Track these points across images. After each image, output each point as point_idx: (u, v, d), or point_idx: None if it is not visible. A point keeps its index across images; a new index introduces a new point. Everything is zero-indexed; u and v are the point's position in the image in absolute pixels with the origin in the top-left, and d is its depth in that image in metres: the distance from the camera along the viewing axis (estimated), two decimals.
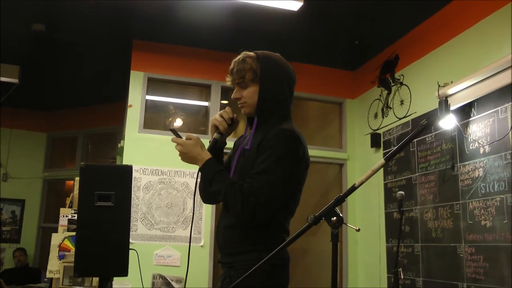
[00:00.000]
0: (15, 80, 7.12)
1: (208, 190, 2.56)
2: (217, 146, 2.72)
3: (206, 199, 2.84)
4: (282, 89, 2.68)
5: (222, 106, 6.88)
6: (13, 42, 6.68)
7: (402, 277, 4.71)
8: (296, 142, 2.54)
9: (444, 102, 4.98)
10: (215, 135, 2.68)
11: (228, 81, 2.72)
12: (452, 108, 4.95)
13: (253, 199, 2.33)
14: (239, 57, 2.72)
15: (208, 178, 2.53)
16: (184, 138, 2.66)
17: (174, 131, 2.68)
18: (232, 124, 2.71)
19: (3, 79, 7.05)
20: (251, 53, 2.72)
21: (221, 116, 2.68)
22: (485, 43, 4.83)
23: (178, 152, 2.65)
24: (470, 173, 4.79)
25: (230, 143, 2.87)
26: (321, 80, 7.30)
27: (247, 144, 2.64)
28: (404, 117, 6.02)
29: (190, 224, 6.22)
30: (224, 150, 2.81)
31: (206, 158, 2.58)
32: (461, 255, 4.78)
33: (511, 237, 4.19)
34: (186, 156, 2.63)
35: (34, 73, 7.72)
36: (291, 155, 2.50)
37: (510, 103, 4.35)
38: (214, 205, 6.37)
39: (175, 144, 2.65)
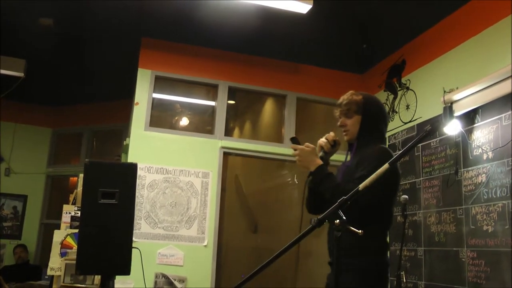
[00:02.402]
0: (21, 74, 7.13)
1: (317, 189, 3.01)
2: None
3: (312, 209, 3.26)
4: (378, 121, 3.17)
5: (229, 106, 6.90)
6: (20, 36, 6.68)
7: (404, 280, 4.72)
8: (390, 156, 2.90)
9: (449, 108, 4.99)
10: (321, 153, 3.17)
11: (336, 112, 3.28)
12: (457, 114, 4.96)
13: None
14: (348, 93, 3.27)
15: (318, 179, 2.99)
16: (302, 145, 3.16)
17: (296, 139, 3.21)
18: (334, 145, 3.21)
19: (9, 72, 7.05)
20: (358, 92, 3.24)
21: (326, 138, 3.21)
22: (491, 51, 4.84)
23: (296, 157, 3.13)
24: (473, 178, 4.79)
25: None
26: (328, 83, 7.29)
27: (349, 163, 3.13)
28: (410, 121, 6.02)
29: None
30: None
31: (319, 163, 3.05)
32: (463, 260, 4.79)
33: None
34: (302, 161, 3.11)
35: (40, 67, 7.70)
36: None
37: None
38: (218, 206, 6.39)
39: (294, 150, 3.16)
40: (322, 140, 3.22)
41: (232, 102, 7.16)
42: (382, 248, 2.99)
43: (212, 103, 7.00)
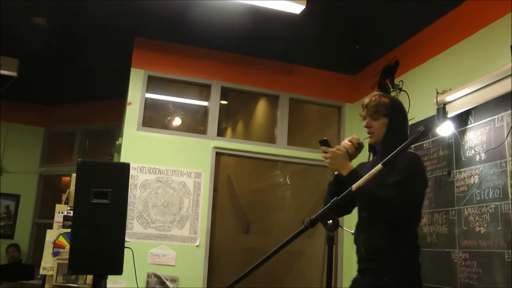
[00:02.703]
0: (14, 73, 7.10)
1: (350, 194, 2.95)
2: None
3: (338, 209, 3.17)
4: (404, 126, 3.22)
5: (222, 106, 6.90)
6: (13, 35, 6.65)
7: None
8: (421, 163, 3.15)
9: (442, 109, 5.00)
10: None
11: (361, 113, 3.25)
12: (449, 115, 4.97)
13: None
14: (375, 94, 3.27)
15: (353, 182, 2.80)
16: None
17: (326, 142, 3.18)
18: (358, 148, 3.21)
19: (2, 72, 7.02)
20: (385, 95, 3.28)
21: (350, 141, 3.20)
22: (484, 52, 4.85)
23: (326, 160, 3.14)
24: (466, 179, 4.80)
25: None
26: (321, 84, 7.31)
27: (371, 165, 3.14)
28: None
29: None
30: None
31: (351, 167, 3.06)
32: (455, 261, 4.79)
33: (505, 244, 4.21)
34: (334, 164, 3.11)
35: (34, 66, 7.68)
36: (417, 174, 3.06)
37: (507, 112, 4.37)
38: (211, 206, 6.39)
39: (325, 152, 3.16)
40: (346, 143, 3.21)
41: (224, 102, 7.16)
42: (416, 251, 3.07)
43: (205, 103, 7.00)
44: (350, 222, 6.71)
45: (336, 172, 3.18)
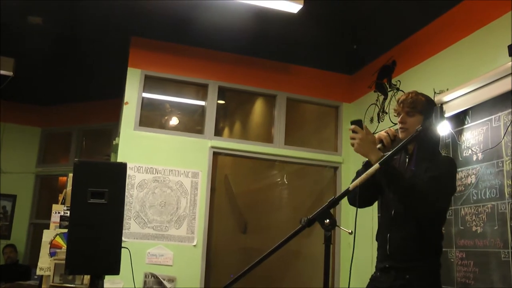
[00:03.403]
0: (10, 73, 7.08)
1: (384, 182, 2.98)
2: None
3: (361, 202, 3.22)
4: (436, 124, 3.21)
5: (219, 106, 6.89)
6: (9, 34, 6.63)
7: None
8: (455, 168, 3.20)
9: (439, 109, 5.00)
10: (379, 146, 3.06)
11: (397, 109, 3.24)
12: (447, 115, 4.97)
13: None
14: (412, 91, 3.27)
15: (389, 170, 2.90)
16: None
17: (360, 122, 3.05)
18: (394, 141, 3.13)
19: None
20: (420, 93, 3.27)
21: (387, 132, 3.15)
22: (481, 52, 4.85)
23: (355, 140, 3.01)
24: (463, 179, 4.81)
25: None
26: (318, 83, 7.31)
27: (412, 165, 3.14)
28: None
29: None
30: None
31: (382, 154, 2.93)
32: (452, 260, 4.80)
33: (501, 243, 4.22)
34: (362, 146, 2.98)
35: (30, 66, 7.66)
36: (452, 175, 3.12)
37: (504, 112, 4.38)
38: (208, 206, 6.39)
39: (354, 132, 3.03)
40: (383, 134, 3.15)
41: (222, 102, 7.15)
42: (439, 251, 3.11)
43: (202, 102, 6.99)
44: (347, 221, 6.72)
45: (365, 160, 3.07)
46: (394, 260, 3.05)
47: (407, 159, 3.20)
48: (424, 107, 3.15)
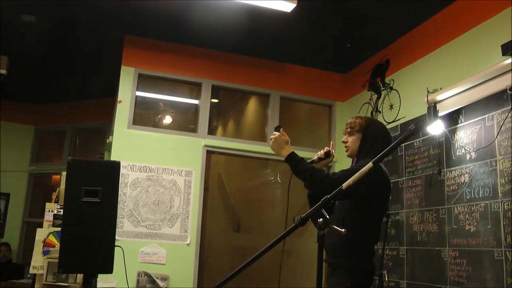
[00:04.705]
0: (3, 71, 7.05)
1: (294, 173, 3.41)
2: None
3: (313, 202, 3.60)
4: (375, 141, 3.42)
5: (212, 105, 6.89)
6: (2, 33, 6.60)
7: (386, 279, 4.74)
8: (377, 170, 3.23)
9: (432, 108, 5.02)
10: (315, 159, 3.60)
11: (343, 131, 3.65)
12: (440, 114, 4.99)
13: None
14: (354, 117, 3.63)
15: (292, 164, 3.39)
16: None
17: (278, 128, 3.60)
18: (328, 155, 3.63)
19: None
20: (364, 116, 3.65)
21: (324, 150, 3.62)
22: (475, 51, 4.87)
23: (272, 141, 3.57)
24: (456, 178, 4.82)
25: None
26: (312, 82, 7.32)
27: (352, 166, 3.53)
28: (393, 121, 6.04)
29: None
30: None
31: (290, 151, 3.45)
32: (445, 259, 4.81)
33: (494, 242, 4.24)
34: (275, 145, 3.55)
35: (23, 64, 7.63)
36: (367, 174, 3.09)
37: (497, 111, 4.39)
38: (201, 205, 6.39)
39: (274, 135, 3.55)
40: (320, 151, 3.62)
41: (215, 100, 7.15)
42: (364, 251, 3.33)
43: (196, 101, 6.99)
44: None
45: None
46: (328, 256, 3.35)
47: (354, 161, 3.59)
48: (363, 127, 3.49)
